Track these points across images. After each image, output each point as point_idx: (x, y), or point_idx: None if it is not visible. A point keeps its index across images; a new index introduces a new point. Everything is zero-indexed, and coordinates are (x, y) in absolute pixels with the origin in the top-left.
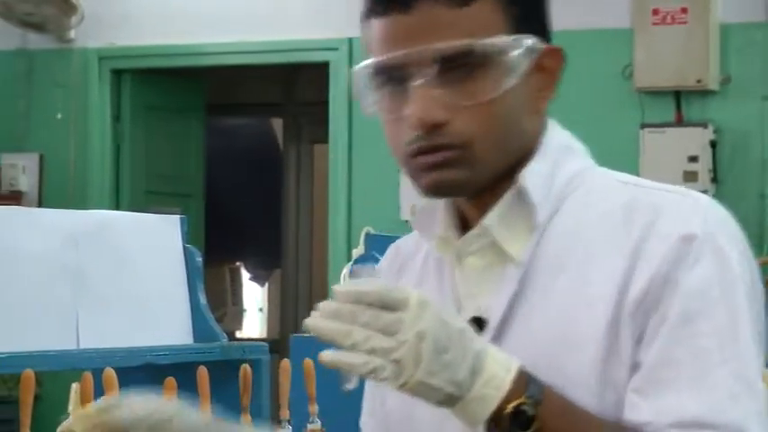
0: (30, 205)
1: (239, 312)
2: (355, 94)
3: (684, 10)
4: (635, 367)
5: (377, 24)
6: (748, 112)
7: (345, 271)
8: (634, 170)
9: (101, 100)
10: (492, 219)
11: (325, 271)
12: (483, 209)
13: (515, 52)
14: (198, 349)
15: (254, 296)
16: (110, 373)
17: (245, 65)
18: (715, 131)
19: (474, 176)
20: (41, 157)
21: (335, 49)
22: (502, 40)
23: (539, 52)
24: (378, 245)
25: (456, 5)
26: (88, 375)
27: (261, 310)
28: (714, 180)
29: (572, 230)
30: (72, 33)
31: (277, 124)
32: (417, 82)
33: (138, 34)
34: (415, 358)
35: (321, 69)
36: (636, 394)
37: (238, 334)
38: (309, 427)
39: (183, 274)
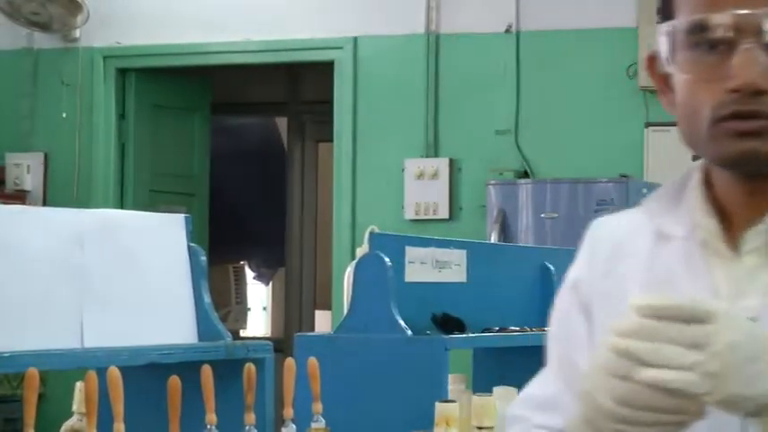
0: (34, 204)
1: (243, 311)
2: (661, 53)
3: None
4: None
5: None
6: None
7: (349, 270)
8: (639, 169)
9: (106, 99)
10: None
11: (330, 270)
12: (761, 200)
13: None
14: (202, 348)
15: (259, 295)
16: (114, 371)
17: (250, 64)
18: None
19: None
20: (46, 156)
21: (340, 47)
22: None
23: None
24: (382, 244)
25: None
26: (92, 374)
27: (265, 308)
28: None
29: None
30: (77, 33)
31: (282, 123)
32: (747, 45)
33: (143, 33)
34: (730, 370)
35: (326, 68)
36: None
37: (242, 333)
38: (313, 425)
39: (188, 273)
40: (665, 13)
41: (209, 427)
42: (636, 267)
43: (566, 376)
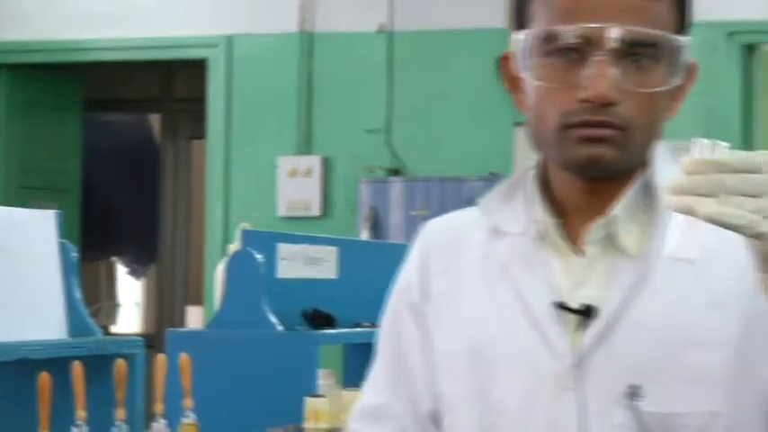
0: None
1: (115, 307)
2: (517, 57)
3: None
4: None
5: None
6: None
7: (221, 267)
8: (508, 167)
9: None
10: (618, 210)
11: (202, 266)
12: (597, 199)
13: (686, 55)
14: (73, 344)
15: (131, 291)
16: None
17: (124, 61)
18: None
19: (623, 159)
20: None
21: (214, 46)
22: (684, 39)
23: (690, 63)
24: (254, 241)
25: None
26: None
27: (137, 305)
28: None
29: None
30: None
31: (156, 120)
32: (598, 57)
33: (16, 29)
34: None
35: (200, 66)
36: None
37: (114, 329)
38: (184, 421)
39: (59, 270)
40: (520, 19)
41: (79, 423)
42: (472, 263)
43: (396, 379)
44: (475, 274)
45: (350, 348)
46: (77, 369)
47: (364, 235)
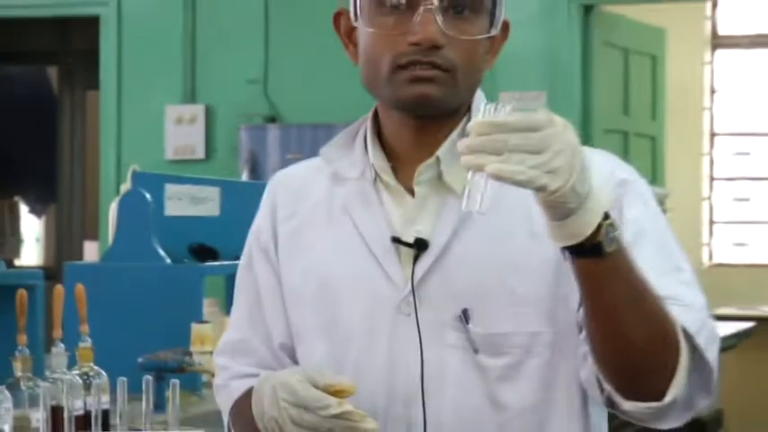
0: None
1: (17, 242)
2: (352, 11)
3: None
4: None
5: None
6: None
7: (114, 205)
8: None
9: None
10: (443, 152)
11: (98, 204)
12: (426, 139)
13: (503, 9)
14: None
15: (32, 228)
16: None
17: (22, 17)
18: None
19: (450, 98)
20: None
21: (105, 4)
22: None
23: (505, 20)
24: (144, 182)
25: None
26: None
27: (38, 240)
28: None
29: None
30: None
31: (53, 72)
32: (427, 6)
33: None
34: (573, 166)
35: (93, 21)
36: None
37: (17, 262)
38: (81, 345)
39: None
40: None
41: None
42: (316, 206)
43: (253, 316)
44: (319, 217)
45: (232, 279)
46: None
47: (244, 176)
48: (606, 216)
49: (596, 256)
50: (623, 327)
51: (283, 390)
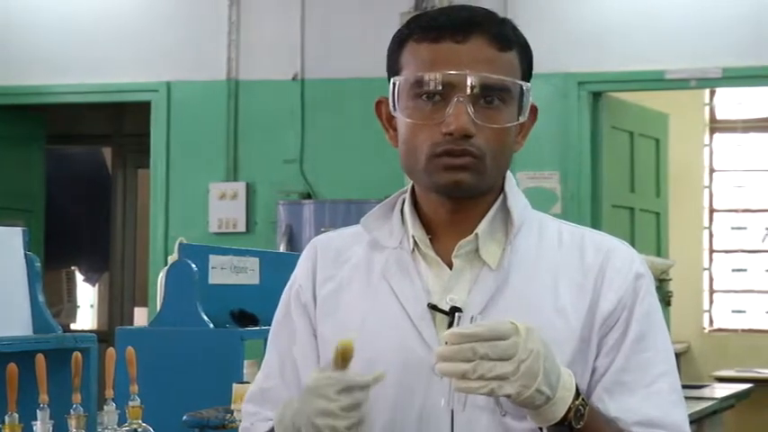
0: None
1: (73, 308)
2: (390, 100)
3: None
4: (593, 371)
5: (426, 47)
6: None
7: (162, 274)
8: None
9: None
10: (481, 229)
11: (147, 273)
12: (460, 217)
13: (529, 97)
14: (36, 339)
15: (87, 295)
16: None
17: (81, 103)
18: None
19: (481, 183)
20: None
21: (156, 90)
22: (526, 84)
23: (532, 105)
24: (189, 252)
25: (499, 49)
26: None
27: (92, 306)
28: None
29: (534, 248)
30: None
31: (108, 153)
32: (458, 98)
33: None
34: (536, 372)
35: (145, 107)
36: (605, 393)
37: (73, 326)
38: (131, 403)
39: (25, 277)
40: (393, 68)
41: (42, 405)
42: (354, 270)
43: (284, 366)
44: (357, 280)
45: None
46: (40, 361)
47: (282, 248)
48: (577, 393)
49: (569, 429)
50: None
51: (319, 387)
